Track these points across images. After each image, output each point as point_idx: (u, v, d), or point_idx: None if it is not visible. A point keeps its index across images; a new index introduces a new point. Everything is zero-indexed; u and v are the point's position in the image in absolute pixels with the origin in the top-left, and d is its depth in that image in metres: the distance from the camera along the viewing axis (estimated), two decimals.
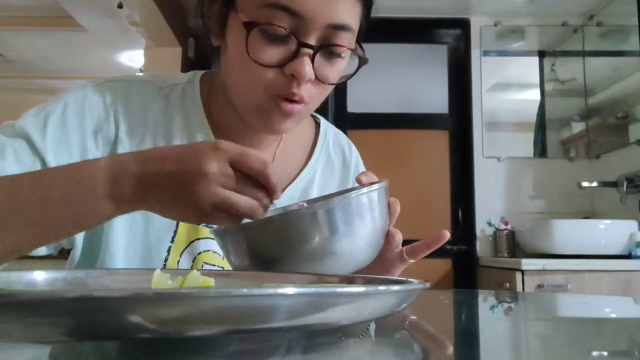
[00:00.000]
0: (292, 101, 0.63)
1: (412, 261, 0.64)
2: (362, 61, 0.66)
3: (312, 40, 0.61)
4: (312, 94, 0.65)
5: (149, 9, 3.02)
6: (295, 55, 0.61)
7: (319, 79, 0.64)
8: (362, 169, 0.87)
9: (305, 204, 0.66)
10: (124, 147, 0.68)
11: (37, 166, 0.62)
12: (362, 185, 0.58)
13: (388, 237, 0.59)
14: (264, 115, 0.65)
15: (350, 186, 0.83)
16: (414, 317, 0.49)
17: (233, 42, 0.65)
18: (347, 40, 0.63)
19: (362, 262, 0.56)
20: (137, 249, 0.68)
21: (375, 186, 0.54)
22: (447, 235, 0.63)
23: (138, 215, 0.68)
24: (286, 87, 0.62)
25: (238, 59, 0.64)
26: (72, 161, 0.63)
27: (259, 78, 0.62)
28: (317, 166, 0.81)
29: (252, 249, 0.54)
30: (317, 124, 0.86)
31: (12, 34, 4.14)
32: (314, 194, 0.78)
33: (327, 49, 0.63)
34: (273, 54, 0.61)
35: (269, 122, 0.65)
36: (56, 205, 0.50)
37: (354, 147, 0.89)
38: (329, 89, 0.68)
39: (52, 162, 0.63)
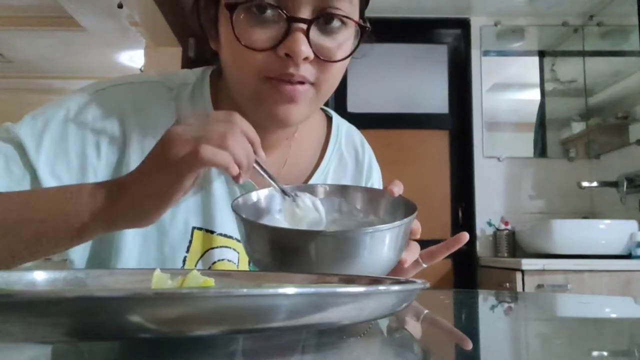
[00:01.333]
0: (292, 83, 0.58)
1: (425, 265, 0.64)
2: (363, 29, 0.60)
3: (303, 14, 0.56)
4: (316, 75, 0.59)
5: (149, 9, 3.02)
6: (287, 33, 0.55)
7: (320, 57, 0.58)
8: (375, 166, 0.85)
9: (327, 187, 0.66)
10: (136, 151, 0.65)
11: (27, 178, 0.60)
12: (392, 194, 0.59)
13: (402, 259, 0.58)
14: (265, 103, 0.60)
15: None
16: (427, 311, 0.49)
17: (223, 34, 0.61)
18: (343, 8, 0.57)
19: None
20: (150, 262, 0.66)
21: (407, 219, 0.54)
22: (467, 236, 0.62)
23: (151, 227, 0.65)
24: (282, 68, 0.57)
25: (229, 48, 0.60)
26: (70, 171, 0.62)
27: (252, 62, 0.57)
28: (329, 166, 0.78)
29: (274, 246, 0.55)
30: (329, 119, 0.82)
31: (12, 34, 4.14)
32: None
33: (323, 21, 0.57)
34: (263, 35, 0.56)
35: (273, 110, 0.60)
36: (38, 203, 0.53)
37: (366, 144, 0.84)
38: (339, 68, 0.61)
39: (44, 175, 0.60)
